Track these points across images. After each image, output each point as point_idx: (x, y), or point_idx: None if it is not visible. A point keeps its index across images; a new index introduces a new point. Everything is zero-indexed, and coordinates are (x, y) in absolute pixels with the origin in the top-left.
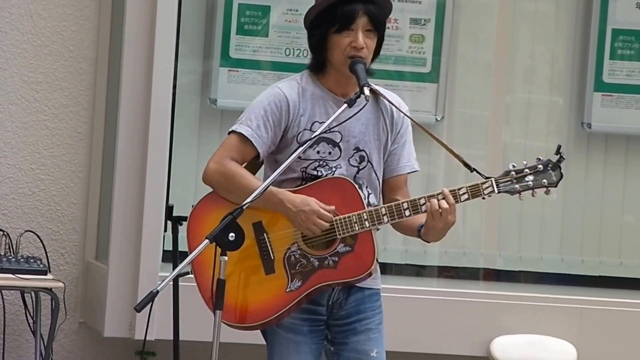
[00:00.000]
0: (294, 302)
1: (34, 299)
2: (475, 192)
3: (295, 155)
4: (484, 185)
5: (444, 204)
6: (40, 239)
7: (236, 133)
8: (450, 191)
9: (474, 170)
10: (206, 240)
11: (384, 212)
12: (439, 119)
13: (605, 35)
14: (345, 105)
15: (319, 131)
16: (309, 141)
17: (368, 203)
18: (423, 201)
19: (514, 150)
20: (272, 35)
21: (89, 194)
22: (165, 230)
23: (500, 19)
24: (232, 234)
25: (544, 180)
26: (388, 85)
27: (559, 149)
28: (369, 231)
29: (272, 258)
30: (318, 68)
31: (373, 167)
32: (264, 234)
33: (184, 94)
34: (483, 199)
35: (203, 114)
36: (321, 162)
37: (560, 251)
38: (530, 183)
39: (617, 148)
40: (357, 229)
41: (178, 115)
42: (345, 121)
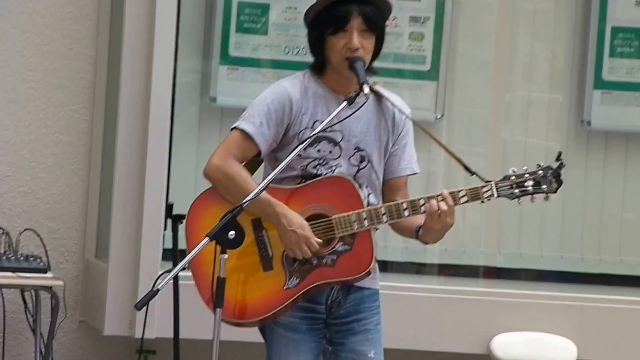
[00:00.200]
0: (290, 300)
1: (34, 298)
2: (474, 196)
3: (295, 152)
4: (484, 189)
5: (443, 206)
6: (40, 237)
7: (239, 129)
8: (450, 193)
9: (474, 173)
10: (206, 239)
11: (383, 212)
12: (438, 117)
13: (604, 33)
14: (345, 102)
15: (319, 128)
16: (309, 138)
17: (368, 202)
18: (422, 202)
19: (514, 148)
20: (272, 34)
21: (88, 192)
22: (165, 229)
23: (499, 17)
24: (232, 232)
25: (544, 186)
26: (387, 83)
27: (559, 156)
28: (367, 231)
29: (271, 255)
30: (319, 67)
31: (373, 167)
32: (263, 231)
33: (184, 92)
34: (482, 202)
35: (203, 113)
36: (321, 161)
37: (560, 249)
38: (529, 189)
39: (617, 146)
40: (356, 228)
41: (178, 114)
42: (346, 119)
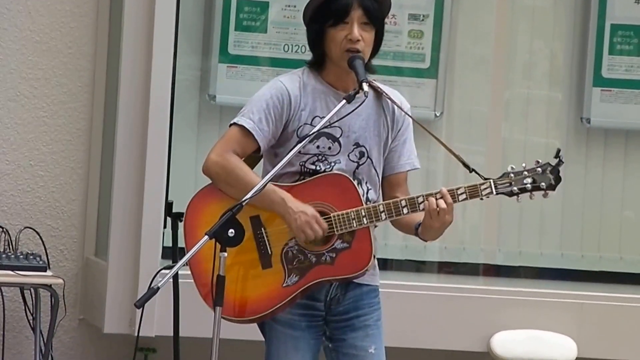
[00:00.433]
0: (289, 297)
1: (34, 296)
2: (473, 193)
3: (294, 151)
4: (482, 187)
5: (442, 204)
6: (39, 235)
7: (237, 125)
8: (449, 191)
9: (472, 170)
10: (206, 237)
11: (382, 210)
12: (438, 114)
13: (604, 31)
14: (344, 101)
15: (318, 127)
16: (308, 137)
17: (367, 199)
18: (421, 199)
19: (513, 145)
20: (271, 31)
21: (88, 190)
22: (164, 227)
23: (499, 15)
24: (232, 230)
25: (542, 183)
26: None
27: (558, 153)
28: (366, 228)
29: (270, 253)
30: (317, 63)
31: (373, 163)
32: (262, 228)
33: (183, 90)
34: (481, 199)
35: (202, 110)
36: (320, 157)
37: (560, 246)
38: (528, 186)
39: (617, 143)
40: (355, 226)
41: (177, 112)
42: (345, 117)
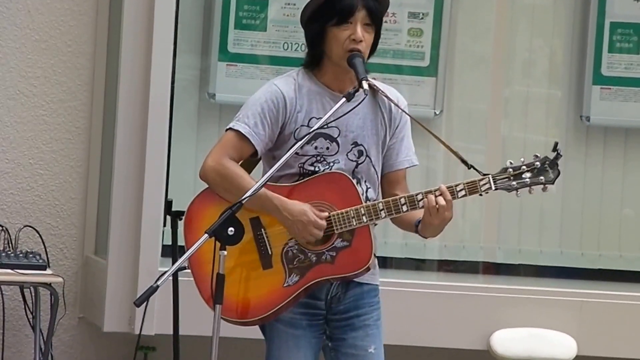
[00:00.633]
0: (291, 297)
1: (33, 294)
2: (472, 189)
3: (292, 151)
4: (481, 182)
5: (441, 201)
6: (39, 234)
7: (233, 130)
8: (448, 187)
9: (471, 167)
10: (205, 235)
11: (382, 208)
12: (437, 113)
13: (603, 29)
14: (343, 99)
15: (317, 125)
16: (307, 136)
17: (366, 198)
18: (420, 197)
19: (513, 144)
20: (271, 30)
21: (87, 188)
22: (164, 225)
23: (498, 13)
24: (232, 229)
25: (541, 177)
26: (386, 79)
27: (556, 146)
28: (366, 226)
29: (270, 253)
30: (314, 63)
31: (372, 162)
32: (262, 229)
33: (183, 88)
34: (480, 195)
35: (202, 109)
36: (319, 158)
37: (560, 244)
38: (527, 180)
39: (616, 141)
40: (355, 224)
41: (177, 110)
42: (343, 116)
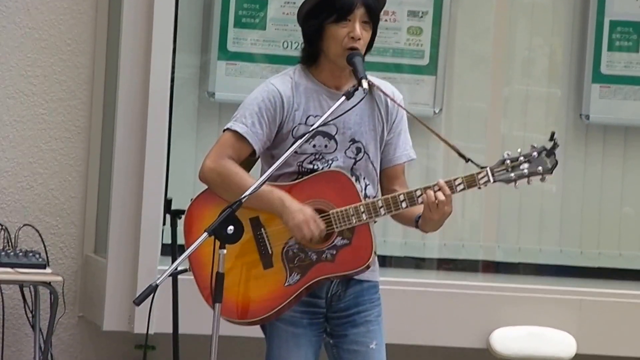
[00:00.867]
0: (293, 296)
1: (33, 293)
2: (470, 182)
3: (290, 150)
4: (480, 175)
5: (440, 196)
6: (38, 232)
7: (231, 131)
8: (446, 182)
9: (468, 160)
10: (205, 234)
11: (381, 205)
12: (437, 111)
13: (603, 27)
14: (343, 97)
15: (317, 124)
16: (307, 133)
17: (365, 195)
18: (419, 193)
19: (513, 142)
20: (270, 28)
21: (87, 187)
22: (164, 224)
23: (498, 11)
24: (231, 227)
25: (539, 167)
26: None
27: (552, 136)
28: (366, 224)
29: (270, 252)
30: (311, 60)
31: (370, 158)
32: (262, 228)
33: (182, 87)
34: (479, 188)
35: (201, 107)
36: (317, 156)
37: (560, 243)
38: (525, 171)
39: (616, 139)
40: (354, 222)
41: (176, 109)
42: (342, 114)
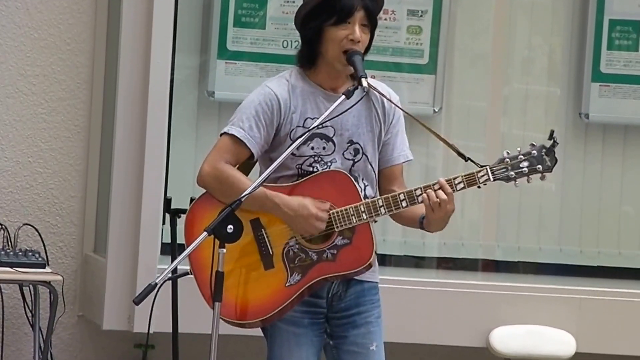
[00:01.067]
0: (294, 296)
1: (33, 293)
2: (470, 181)
3: (288, 151)
4: (479, 174)
5: (442, 195)
6: (38, 232)
7: (228, 135)
8: (446, 181)
9: (468, 159)
10: (205, 233)
11: (381, 204)
12: (436, 110)
13: (602, 26)
14: (342, 97)
15: (316, 123)
16: (306, 134)
17: (365, 195)
18: (419, 192)
19: (512, 141)
20: (270, 27)
21: (87, 187)
22: (163, 223)
23: (497, 10)
24: (231, 226)
25: (539, 165)
26: (385, 76)
27: (552, 134)
28: (366, 223)
29: (271, 253)
30: (308, 62)
31: (368, 159)
32: (262, 229)
33: (182, 86)
34: (479, 187)
35: (200, 107)
36: (316, 158)
37: (559, 242)
38: (525, 169)
39: (615, 138)
40: (355, 222)
41: (176, 108)
42: (340, 115)
